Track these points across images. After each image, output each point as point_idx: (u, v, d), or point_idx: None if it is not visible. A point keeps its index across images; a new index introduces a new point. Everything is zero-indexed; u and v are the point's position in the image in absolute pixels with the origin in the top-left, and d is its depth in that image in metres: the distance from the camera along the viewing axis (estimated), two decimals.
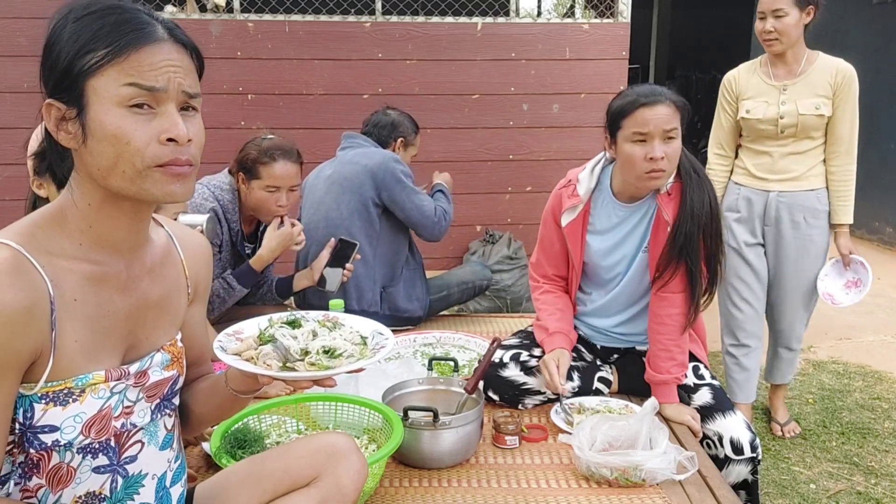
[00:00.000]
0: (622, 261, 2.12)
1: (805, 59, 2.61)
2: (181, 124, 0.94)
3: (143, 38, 0.92)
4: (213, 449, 1.62)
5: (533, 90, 4.28)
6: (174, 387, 1.13)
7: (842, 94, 2.56)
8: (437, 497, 1.67)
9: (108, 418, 1.01)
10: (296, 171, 2.44)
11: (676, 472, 1.68)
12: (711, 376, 2.12)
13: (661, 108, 1.88)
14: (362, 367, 1.12)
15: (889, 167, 6.26)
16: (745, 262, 2.75)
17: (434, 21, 4.19)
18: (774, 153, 2.66)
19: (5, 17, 3.92)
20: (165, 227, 1.16)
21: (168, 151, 0.93)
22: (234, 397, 1.17)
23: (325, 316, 1.27)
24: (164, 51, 0.93)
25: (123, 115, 0.91)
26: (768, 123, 2.62)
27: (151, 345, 1.09)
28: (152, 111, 0.93)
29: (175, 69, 0.94)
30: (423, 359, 2.47)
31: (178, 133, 0.93)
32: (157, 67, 0.92)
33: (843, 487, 2.52)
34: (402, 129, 3.01)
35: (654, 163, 1.88)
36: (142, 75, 0.91)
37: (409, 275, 2.95)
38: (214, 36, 4.00)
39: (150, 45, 0.92)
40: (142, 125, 0.92)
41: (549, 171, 4.25)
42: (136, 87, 0.91)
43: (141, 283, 1.06)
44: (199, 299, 1.21)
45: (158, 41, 0.93)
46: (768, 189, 2.68)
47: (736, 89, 2.72)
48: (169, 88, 0.93)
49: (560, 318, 2.16)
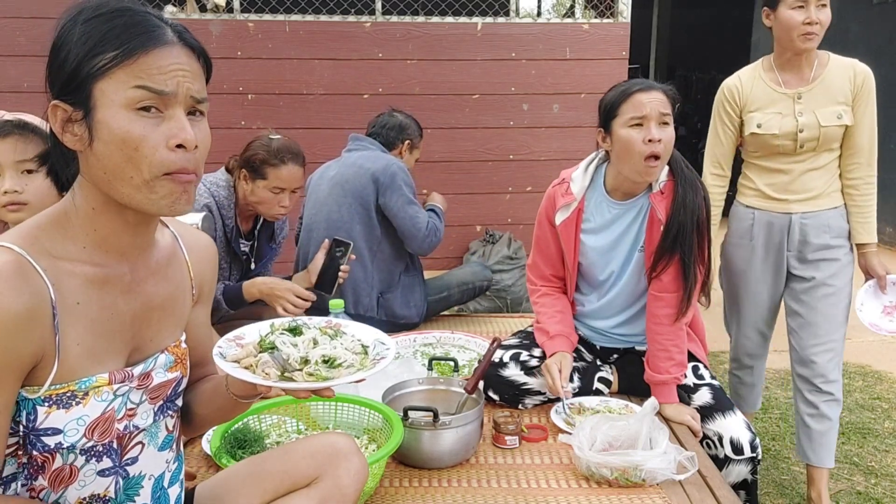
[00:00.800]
0: (616, 259, 2.12)
1: (817, 61, 2.29)
2: (189, 129, 0.93)
3: (153, 40, 0.92)
4: (213, 449, 1.62)
5: (533, 90, 4.28)
6: (177, 388, 1.13)
7: (862, 100, 2.26)
8: (437, 497, 1.68)
9: (112, 421, 1.01)
10: (301, 174, 2.45)
11: (676, 472, 1.68)
12: (711, 376, 2.12)
13: (656, 94, 1.93)
14: (361, 378, 1.11)
15: (889, 167, 6.24)
16: (759, 290, 2.42)
17: (434, 21, 4.19)
18: (792, 170, 2.31)
19: (5, 17, 3.92)
20: (171, 228, 1.15)
21: (176, 158, 0.92)
22: (234, 401, 1.17)
23: (328, 323, 1.27)
24: (174, 54, 0.93)
25: (131, 119, 0.90)
26: (786, 138, 2.26)
27: (155, 346, 1.08)
28: (160, 115, 0.92)
29: (184, 73, 0.93)
30: (423, 359, 2.47)
31: (187, 138, 0.92)
32: (166, 71, 0.92)
33: (843, 487, 2.52)
34: (410, 131, 3.03)
35: (652, 145, 1.90)
36: (151, 78, 0.90)
37: (407, 281, 2.95)
38: (214, 36, 4.00)
39: (159, 47, 0.92)
40: (150, 129, 0.91)
41: (550, 171, 4.23)
42: (145, 89, 0.90)
43: (145, 285, 1.05)
44: (203, 300, 1.21)
45: (168, 44, 0.93)
46: (790, 211, 2.32)
47: (740, 101, 2.35)
48: (178, 92, 0.93)
49: (560, 321, 2.16)
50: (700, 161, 2.50)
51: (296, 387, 1.08)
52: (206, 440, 1.82)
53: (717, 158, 2.44)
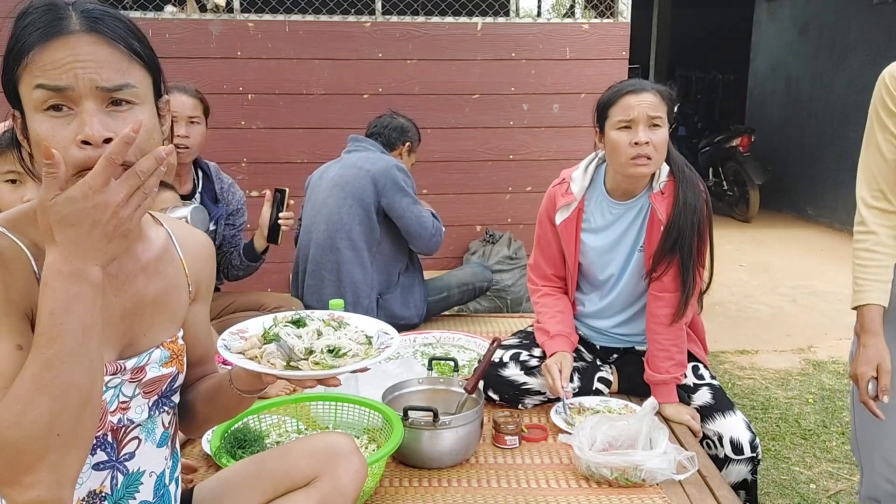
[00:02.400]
0: (617, 259, 2.12)
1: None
2: (95, 123, 0.86)
3: (46, 35, 0.86)
4: (213, 449, 1.62)
5: (533, 90, 4.28)
6: (173, 384, 1.13)
7: None
8: (437, 497, 1.68)
9: (104, 412, 1.01)
10: (192, 104, 2.44)
11: (676, 472, 1.68)
12: (711, 376, 2.12)
13: (647, 96, 1.92)
14: (367, 366, 1.12)
15: None
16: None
17: (434, 21, 4.19)
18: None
19: (5, 17, 3.91)
20: (165, 226, 1.15)
21: (84, 156, 0.86)
22: (238, 397, 1.17)
23: (330, 315, 1.27)
24: (71, 44, 0.86)
25: (42, 120, 0.87)
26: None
27: (150, 342, 1.08)
28: (71, 112, 0.87)
29: (83, 63, 0.86)
30: (423, 359, 2.47)
31: (88, 133, 0.86)
32: (59, 65, 0.86)
33: (843, 487, 2.52)
34: (410, 134, 3.05)
35: (638, 147, 1.90)
36: (45, 74, 0.86)
37: (407, 281, 2.95)
38: (214, 36, 4.00)
39: (53, 40, 0.86)
40: (60, 129, 0.87)
41: (550, 171, 4.23)
42: (43, 88, 0.86)
43: (135, 280, 1.05)
44: (201, 298, 1.21)
45: (64, 35, 0.86)
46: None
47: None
48: (77, 86, 0.86)
49: (561, 321, 2.16)
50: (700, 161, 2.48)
51: (302, 375, 1.08)
52: (205, 440, 1.82)
53: (876, 181, 1.60)
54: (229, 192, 2.70)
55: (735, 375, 3.49)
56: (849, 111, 6.74)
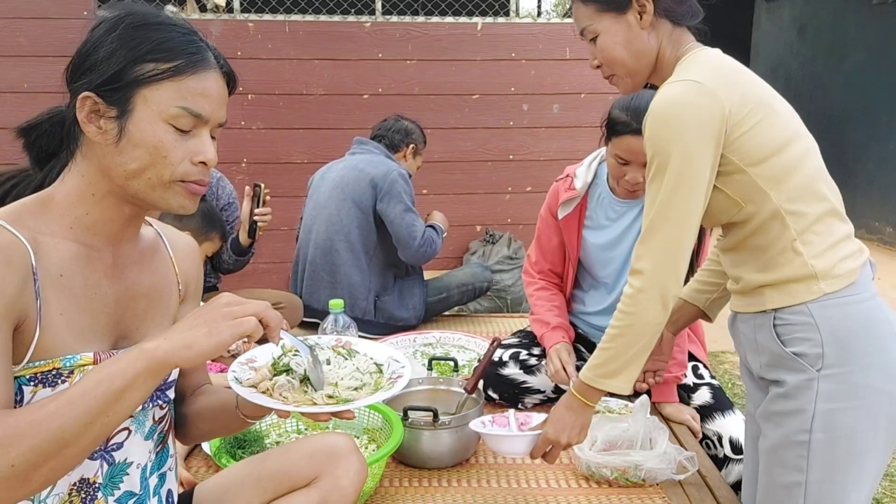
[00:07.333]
0: (618, 257, 2.13)
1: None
2: (213, 151, 1.01)
3: (202, 63, 0.98)
4: (213, 449, 1.62)
5: (533, 90, 4.28)
6: (167, 378, 1.13)
7: None
8: (437, 497, 1.68)
9: None
10: None
11: (676, 472, 1.68)
12: (711, 376, 2.13)
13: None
14: (382, 399, 1.11)
15: (889, 167, 6.26)
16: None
17: (434, 21, 4.19)
18: None
19: (5, 17, 3.92)
20: (154, 226, 1.17)
21: (196, 171, 1.00)
22: (243, 420, 1.18)
23: (338, 341, 1.26)
24: (213, 78, 1.00)
25: (167, 131, 0.97)
26: None
27: (142, 335, 1.09)
28: (189, 133, 0.99)
29: (219, 101, 1.01)
30: (423, 359, 2.47)
31: (209, 158, 1.00)
32: (207, 95, 0.99)
33: None
34: (415, 136, 3.05)
35: (631, 185, 1.94)
36: (194, 100, 0.97)
37: (405, 283, 2.95)
38: (214, 36, 4.00)
39: (205, 71, 0.99)
40: (180, 142, 0.98)
41: (549, 171, 4.24)
42: (186, 110, 0.97)
43: (129, 271, 1.07)
44: (190, 298, 1.21)
45: (212, 69, 1.00)
46: None
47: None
48: (211, 118, 1.00)
49: (559, 314, 2.16)
50: None
51: (317, 410, 1.08)
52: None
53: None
54: (218, 185, 2.71)
55: (735, 375, 3.48)
56: (848, 111, 6.75)
